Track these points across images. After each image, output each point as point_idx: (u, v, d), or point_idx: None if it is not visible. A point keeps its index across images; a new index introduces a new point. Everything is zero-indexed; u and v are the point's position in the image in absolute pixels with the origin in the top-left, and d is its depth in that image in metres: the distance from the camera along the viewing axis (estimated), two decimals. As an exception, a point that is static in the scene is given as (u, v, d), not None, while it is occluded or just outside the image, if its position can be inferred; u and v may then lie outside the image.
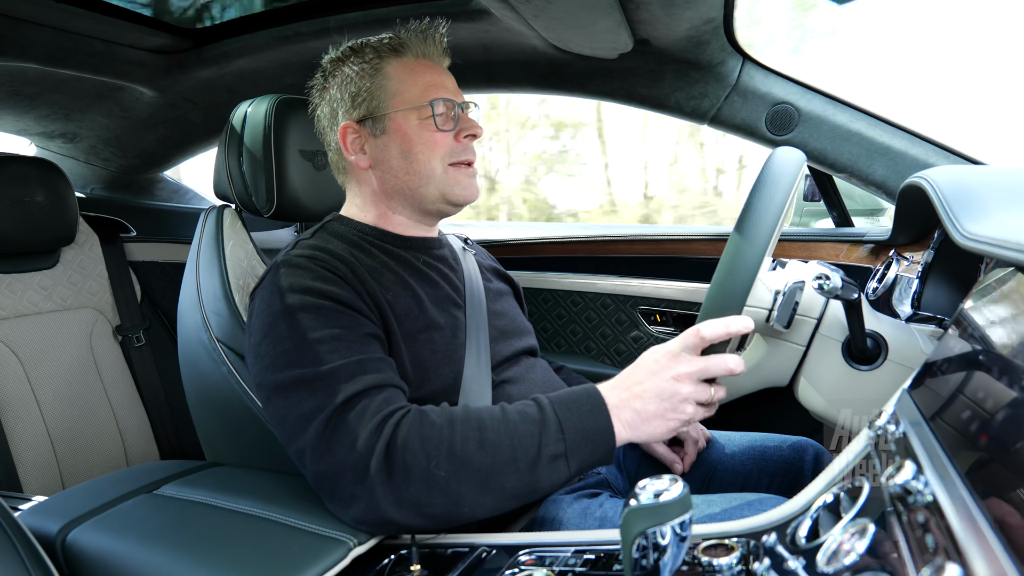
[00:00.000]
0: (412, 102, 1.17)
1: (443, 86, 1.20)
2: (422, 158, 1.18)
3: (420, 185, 1.19)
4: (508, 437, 0.92)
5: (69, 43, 1.79)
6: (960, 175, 1.10)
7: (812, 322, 1.15)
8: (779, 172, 0.95)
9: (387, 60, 1.19)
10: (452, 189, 1.20)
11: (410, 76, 1.19)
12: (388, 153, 1.19)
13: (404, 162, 1.18)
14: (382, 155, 1.20)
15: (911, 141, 1.66)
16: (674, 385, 0.93)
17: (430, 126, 1.17)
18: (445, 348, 1.14)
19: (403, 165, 1.19)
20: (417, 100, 1.17)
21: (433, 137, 1.18)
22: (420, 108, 1.17)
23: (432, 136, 1.18)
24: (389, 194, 1.22)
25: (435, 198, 1.21)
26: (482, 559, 0.88)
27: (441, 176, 1.19)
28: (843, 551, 0.60)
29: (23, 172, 1.87)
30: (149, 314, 2.22)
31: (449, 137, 1.19)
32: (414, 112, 1.17)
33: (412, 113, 1.17)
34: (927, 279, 1.29)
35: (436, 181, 1.19)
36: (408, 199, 1.22)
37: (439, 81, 1.20)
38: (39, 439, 1.87)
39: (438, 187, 1.19)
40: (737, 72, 1.74)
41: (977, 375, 0.66)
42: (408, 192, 1.21)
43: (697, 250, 2.03)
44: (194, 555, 0.88)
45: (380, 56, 1.19)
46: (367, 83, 1.18)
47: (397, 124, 1.18)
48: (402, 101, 1.18)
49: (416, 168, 1.18)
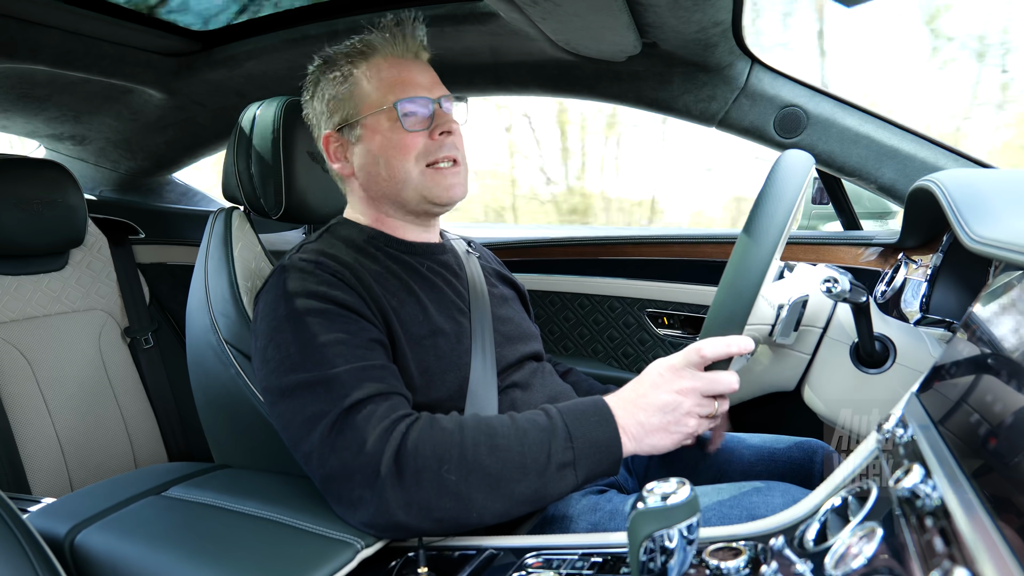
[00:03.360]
0: (379, 105, 1.17)
1: (412, 83, 1.18)
2: (395, 162, 1.17)
3: (400, 189, 1.19)
4: (518, 444, 0.92)
5: (78, 45, 1.79)
6: (969, 178, 1.10)
7: (817, 332, 1.16)
8: (787, 175, 0.95)
9: (357, 64, 1.19)
10: (431, 191, 1.18)
11: (377, 78, 1.18)
12: (366, 159, 1.19)
13: (380, 168, 1.18)
14: (362, 161, 1.20)
15: (920, 144, 1.66)
16: (677, 399, 0.94)
17: (399, 128, 1.16)
18: (450, 354, 1.14)
19: (380, 171, 1.18)
20: (384, 102, 1.16)
21: (404, 139, 1.16)
22: (388, 111, 1.16)
23: (403, 139, 1.16)
24: (376, 199, 1.22)
25: (417, 200, 1.20)
26: (490, 561, 0.88)
27: (418, 178, 1.18)
28: (851, 554, 0.60)
29: (32, 174, 1.88)
30: (158, 316, 2.23)
31: (422, 137, 1.17)
32: (383, 115, 1.17)
33: (381, 116, 1.17)
34: (936, 282, 1.29)
35: (414, 184, 1.18)
36: (393, 203, 1.22)
37: (407, 78, 1.18)
38: (47, 441, 1.87)
39: (416, 190, 1.18)
40: (746, 75, 1.74)
41: (986, 378, 0.65)
42: (391, 196, 1.20)
43: (705, 252, 2.03)
44: (202, 557, 0.88)
45: (351, 61, 1.19)
46: (338, 90, 1.19)
47: (369, 129, 1.18)
48: (370, 106, 1.17)
49: (392, 173, 1.18)
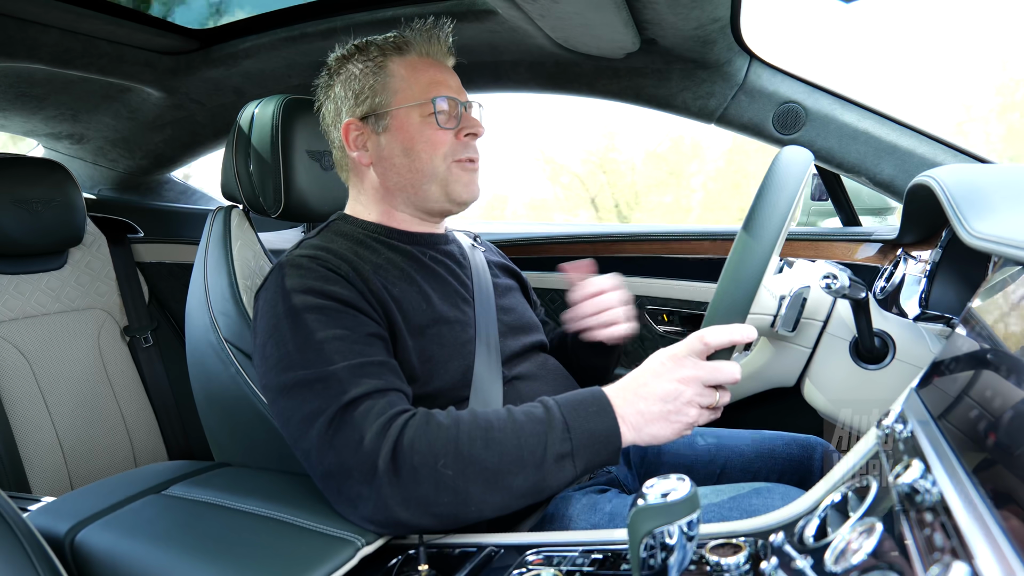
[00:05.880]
0: (414, 99, 1.18)
1: (446, 84, 1.21)
2: (424, 156, 1.18)
3: (422, 183, 1.20)
4: (515, 436, 0.92)
5: (76, 44, 1.79)
6: (968, 174, 1.10)
7: (818, 325, 1.15)
8: (786, 171, 0.95)
9: (391, 58, 1.20)
10: (454, 187, 1.20)
11: (413, 74, 1.19)
12: (390, 150, 1.19)
13: (406, 159, 1.19)
14: (384, 152, 1.20)
15: (919, 140, 1.66)
16: (678, 388, 0.93)
17: (432, 124, 1.18)
18: (454, 343, 1.14)
19: (405, 162, 1.19)
20: (419, 97, 1.18)
21: (435, 135, 1.18)
22: (422, 105, 1.18)
23: (434, 134, 1.18)
24: (391, 191, 1.22)
25: (437, 196, 1.21)
26: (490, 559, 0.88)
27: (444, 173, 1.19)
28: (851, 550, 0.60)
29: (31, 173, 1.89)
30: (157, 315, 2.23)
31: (450, 135, 1.19)
32: (416, 109, 1.18)
33: (414, 110, 1.18)
34: (935, 278, 1.29)
35: (439, 178, 1.19)
36: (410, 197, 1.22)
37: (442, 79, 1.21)
38: (47, 440, 1.88)
39: (440, 184, 1.20)
40: (744, 71, 1.74)
41: (985, 374, 0.65)
42: (410, 189, 1.21)
43: (704, 249, 2.02)
44: (202, 555, 0.88)
45: (384, 54, 1.20)
46: (370, 80, 1.19)
47: (399, 121, 1.18)
48: (404, 98, 1.18)
49: (418, 166, 1.19)
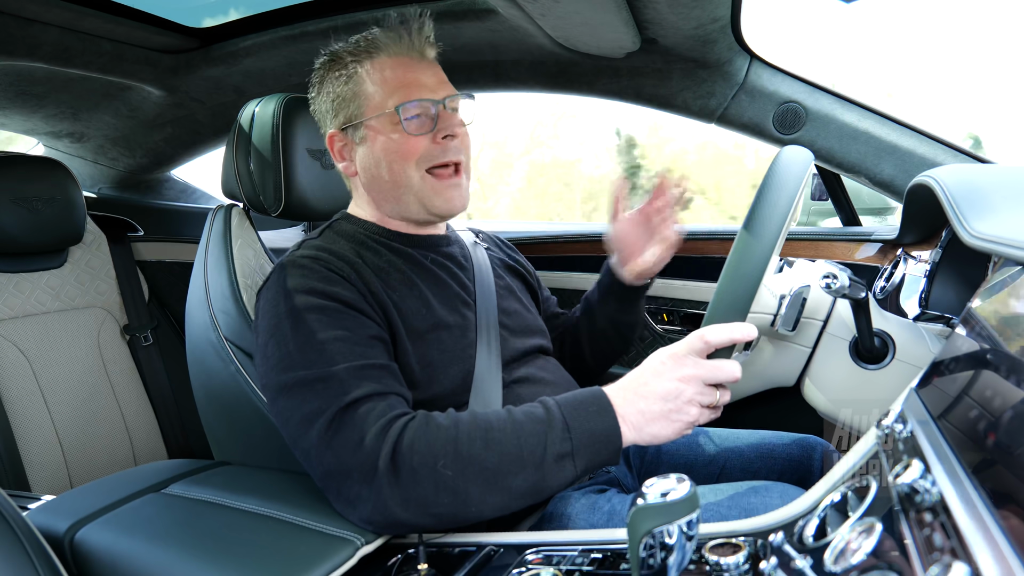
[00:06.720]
0: (381, 108, 1.14)
1: (417, 84, 1.14)
2: (396, 167, 1.14)
3: (400, 194, 1.16)
4: (514, 436, 0.92)
5: (77, 43, 1.79)
6: (968, 174, 1.10)
7: (818, 324, 1.15)
8: (786, 171, 0.95)
9: (362, 63, 1.15)
10: (432, 200, 1.16)
11: (381, 79, 1.14)
12: (369, 161, 1.17)
13: (382, 171, 1.16)
14: (365, 163, 1.18)
15: (919, 140, 1.66)
16: (679, 386, 0.92)
17: (401, 131, 1.13)
18: (454, 347, 1.13)
19: (382, 174, 1.16)
20: (384, 106, 1.13)
21: (406, 143, 1.13)
22: (390, 114, 1.13)
23: (405, 143, 1.13)
24: (378, 200, 1.20)
25: (416, 208, 1.18)
26: (489, 558, 0.88)
27: (419, 185, 1.15)
28: (850, 550, 0.60)
29: (31, 172, 1.88)
30: (157, 313, 2.23)
31: (425, 140, 1.14)
32: (386, 118, 1.13)
33: (384, 119, 1.14)
34: (935, 278, 1.29)
35: (414, 191, 1.15)
36: (395, 207, 1.19)
37: (412, 79, 1.15)
38: (47, 438, 1.88)
39: (416, 197, 1.16)
40: (744, 71, 1.74)
41: (985, 374, 0.65)
42: (392, 201, 1.18)
43: (705, 249, 2.02)
44: (202, 554, 0.88)
45: (356, 60, 1.16)
46: (343, 89, 1.16)
47: (372, 131, 1.15)
48: (373, 107, 1.14)
49: (393, 177, 1.15)
